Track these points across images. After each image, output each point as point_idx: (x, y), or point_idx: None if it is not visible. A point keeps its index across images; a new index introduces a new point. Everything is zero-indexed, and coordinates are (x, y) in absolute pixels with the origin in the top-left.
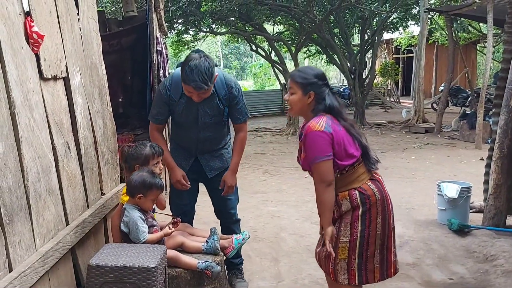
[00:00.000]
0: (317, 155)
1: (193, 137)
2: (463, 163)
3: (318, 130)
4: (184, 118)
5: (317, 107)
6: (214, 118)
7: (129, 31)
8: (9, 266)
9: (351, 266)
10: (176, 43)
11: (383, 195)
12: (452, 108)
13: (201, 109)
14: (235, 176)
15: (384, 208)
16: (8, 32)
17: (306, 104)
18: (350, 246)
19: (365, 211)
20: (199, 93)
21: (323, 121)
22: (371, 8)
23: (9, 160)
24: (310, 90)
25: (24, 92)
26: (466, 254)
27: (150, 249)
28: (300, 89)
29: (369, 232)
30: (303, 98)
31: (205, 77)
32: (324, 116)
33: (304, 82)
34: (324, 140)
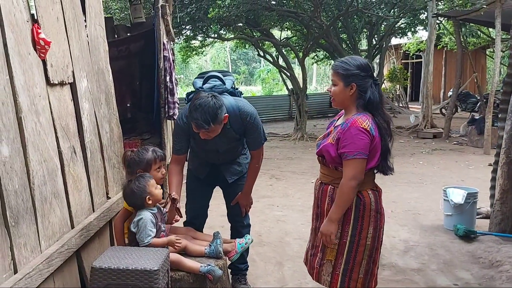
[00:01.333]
0: (359, 151)
1: (213, 157)
2: (471, 169)
3: (365, 129)
4: (204, 147)
5: (359, 99)
6: (232, 144)
7: (138, 37)
8: (14, 268)
9: (335, 270)
10: (184, 49)
11: (378, 207)
12: (461, 113)
13: (219, 140)
14: (250, 196)
15: (377, 220)
16: (16, 38)
17: (348, 96)
18: (339, 249)
19: (357, 217)
20: (202, 132)
21: (370, 122)
22: (379, 14)
23: (15, 163)
24: (351, 82)
25: (31, 97)
26: (471, 260)
27: (152, 252)
28: (341, 80)
29: (358, 240)
30: (344, 90)
31: (207, 117)
32: (370, 116)
33: (346, 74)
34: (367, 140)
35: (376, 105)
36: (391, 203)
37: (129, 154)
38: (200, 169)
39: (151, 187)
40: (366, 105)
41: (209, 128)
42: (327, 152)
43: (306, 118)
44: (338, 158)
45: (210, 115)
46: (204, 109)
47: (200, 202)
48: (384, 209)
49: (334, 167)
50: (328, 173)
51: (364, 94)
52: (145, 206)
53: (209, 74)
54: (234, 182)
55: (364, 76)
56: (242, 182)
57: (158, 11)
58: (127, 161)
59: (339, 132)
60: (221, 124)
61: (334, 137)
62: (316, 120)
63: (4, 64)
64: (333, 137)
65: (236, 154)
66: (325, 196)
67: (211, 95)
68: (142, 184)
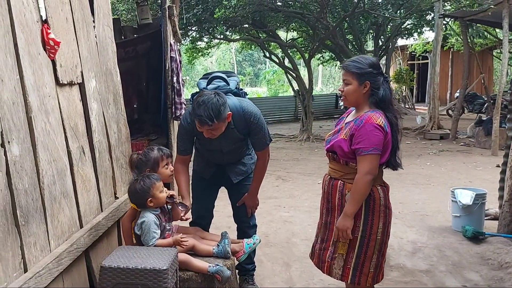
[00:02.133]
0: (374, 147)
1: (217, 157)
2: (479, 170)
3: (380, 125)
4: (208, 147)
5: (372, 97)
6: (237, 144)
7: (144, 38)
8: (24, 267)
9: (347, 264)
10: (190, 50)
11: (386, 202)
12: (468, 115)
13: (223, 140)
14: (256, 197)
15: (386, 215)
16: (26, 38)
17: (362, 94)
18: (350, 244)
19: (368, 213)
20: (206, 129)
21: (383, 118)
22: (385, 14)
23: (25, 163)
24: (365, 80)
25: (41, 97)
26: (480, 261)
27: (161, 251)
28: (355, 79)
29: (369, 235)
30: (358, 89)
31: (210, 113)
32: (382, 113)
33: (359, 72)
34: (382, 136)
35: (388, 102)
36: (398, 204)
37: (135, 157)
38: (205, 170)
39: (155, 190)
40: (378, 102)
41: (213, 125)
42: (340, 147)
43: (312, 119)
44: (351, 153)
45: (213, 111)
46: (208, 106)
47: (206, 203)
48: (391, 204)
49: (345, 162)
50: (338, 168)
51: (377, 91)
52: (147, 207)
53: (214, 75)
54: (239, 183)
55: (376, 73)
56: (248, 182)
57: (165, 12)
58: (134, 164)
59: (352, 128)
60: (224, 122)
61: (347, 133)
62: (322, 121)
63: (14, 64)
64: (346, 133)
65: (241, 155)
66: (335, 191)
67: (215, 93)
68: (147, 186)
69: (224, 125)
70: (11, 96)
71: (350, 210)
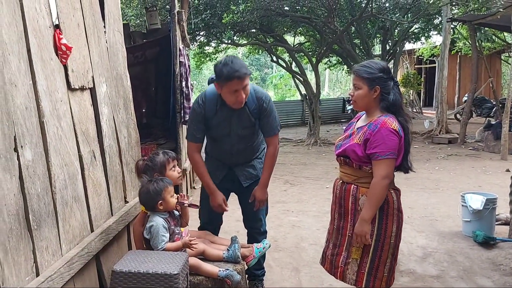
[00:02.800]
0: (391, 151)
1: (227, 150)
2: (488, 174)
3: (395, 130)
4: (218, 132)
5: (383, 101)
6: (246, 130)
7: (153, 43)
8: (36, 271)
9: (361, 269)
10: (198, 55)
11: (399, 206)
12: (476, 119)
13: (234, 121)
14: (266, 190)
15: (398, 218)
16: (39, 44)
17: (372, 99)
18: (365, 248)
19: (382, 217)
20: (243, 86)
21: (397, 123)
22: (393, 19)
23: (37, 167)
24: (376, 85)
25: (53, 102)
26: (492, 267)
27: (172, 256)
28: (366, 84)
29: (384, 239)
30: (369, 93)
31: (241, 64)
32: (394, 117)
33: (370, 77)
34: (397, 140)
35: (398, 106)
36: (408, 208)
37: (141, 163)
38: (215, 174)
39: (167, 193)
40: (389, 107)
41: (248, 76)
42: (353, 152)
43: (320, 124)
44: (366, 157)
45: (243, 64)
46: (237, 61)
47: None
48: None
49: (358, 166)
50: (351, 173)
51: (387, 95)
52: (156, 210)
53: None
54: (249, 187)
55: (387, 78)
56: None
57: (174, 17)
58: (141, 170)
59: (367, 133)
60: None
61: (360, 138)
62: (329, 125)
63: (27, 69)
64: (359, 137)
65: (250, 154)
66: (349, 195)
67: (233, 56)
68: (159, 188)
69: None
70: (24, 101)
71: (367, 215)
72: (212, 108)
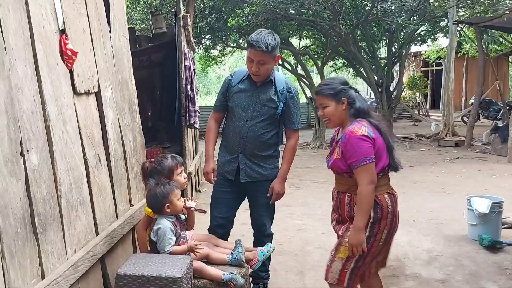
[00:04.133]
0: (365, 157)
1: (240, 128)
2: (495, 178)
3: (362, 134)
4: (238, 99)
5: (352, 110)
6: (265, 109)
7: (159, 47)
8: (42, 274)
9: (345, 268)
10: (203, 58)
11: (394, 211)
12: (483, 121)
13: (256, 94)
14: (284, 184)
15: (392, 223)
16: (45, 49)
17: (342, 111)
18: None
19: (375, 222)
20: (257, 60)
21: (365, 127)
22: (398, 21)
23: (43, 171)
24: (341, 97)
25: (59, 106)
26: (498, 271)
27: (176, 259)
28: (332, 100)
29: (373, 242)
30: (338, 107)
31: (266, 39)
32: (363, 122)
33: (334, 92)
34: (368, 144)
35: (366, 110)
36: (413, 212)
37: (148, 165)
38: (227, 165)
39: (173, 197)
40: (357, 114)
41: (266, 53)
42: (337, 166)
43: (325, 127)
44: (349, 169)
45: (269, 39)
46: (263, 34)
47: (225, 212)
48: (398, 212)
49: (349, 176)
50: (344, 182)
51: (354, 103)
52: (163, 213)
53: None
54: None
55: (348, 88)
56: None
57: (180, 21)
58: (147, 172)
59: (341, 145)
60: (273, 59)
61: (338, 152)
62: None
63: (34, 74)
64: (338, 151)
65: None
66: (344, 204)
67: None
68: (166, 191)
69: (272, 64)
70: (30, 106)
71: (360, 223)
72: (239, 77)
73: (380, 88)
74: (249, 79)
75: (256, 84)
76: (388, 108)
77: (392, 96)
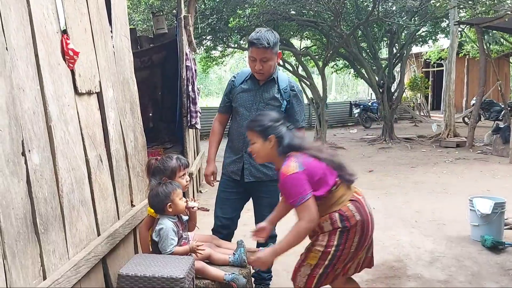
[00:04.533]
0: (300, 196)
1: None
2: (497, 178)
3: (292, 173)
4: (242, 99)
5: (280, 148)
6: (269, 108)
7: (160, 48)
8: (43, 274)
9: (313, 273)
10: (204, 59)
11: (363, 215)
12: (485, 122)
13: (259, 94)
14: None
15: (363, 228)
16: (46, 49)
17: (269, 149)
18: (322, 256)
19: (344, 231)
20: (260, 57)
21: (293, 162)
22: (399, 22)
23: (45, 171)
24: (269, 135)
25: (60, 106)
26: (501, 272)
27: (178, 260)
28: (259, 137)
29: (343, 249)
30: (265, 144)
31: (267, 36)
32: (292, 157)
33: (261, 129)
34: (301, 180)
35: (297, 144)
36: (415, 213)
37: (153, 162)
38: (232, 166)
39: (175, 196)
40: (287, 150)
41: (268, 50)
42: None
43: (326, 127)
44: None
45: (269, 36)
46: (263, 32)
47: (230, 212)
48: (371, 215)
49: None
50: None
51: (282, 140)
52: (165, 213)
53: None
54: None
55: (278, 125)
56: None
57: (181, 22)
58: (152, 169)
59: (279, 187)
60: (275, 55)
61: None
62: (336, 129)
63: (35, 74)
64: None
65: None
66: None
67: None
68: (168, 191)
69: (274, 61)
70: (31, 106)
71: (281, 250)
72: (242, 78)
73: (381, 89)
74: (252, 79)
75: (259, 83)
76: (389, 109)
77: (393, 97)
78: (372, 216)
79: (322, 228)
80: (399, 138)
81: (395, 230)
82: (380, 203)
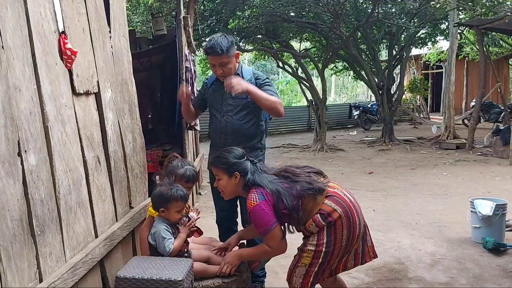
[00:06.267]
0: (267, 227)
1: (220, 126)
2: (497, 180)
3: (255, 205)
4: (213, 99)
5: (245, 183)
6: (237, 101)
7: (159, 49)
8: (40, 277)
9: (309, 273)
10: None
11: (343, 206)
12: (484, 124)
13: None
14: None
15: (348, 217)
16: (43, 49)
17: (235, 185)
18: (315, 255)
19: (330, 226)
20: (218, 63)
21: (255, 194)
22: (399, 24)
23: (41, 172)
24: (234, 171)
25: (57, 106)
26: (502, 274)
27: (177, 262)
28: (224, 173)
29: (334, 244)
30: (230, 181)
31: (219, 42)
32: (253, 189)
33: (226, 166)
34: (264, 211)
35: (259, 180)
36: (415, 214)
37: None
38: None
39: (173, 206)
40: (250, 186)
41: (223, 56)
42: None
43: (326, 129)
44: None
45: (222, 43)
46: (217, 40)
47: (226, 206)
48: (353, 201)
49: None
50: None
51: (246, 176)
52: (159, 214)
53: None
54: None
55: (243, 162)
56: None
57: (180, 23)
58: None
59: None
60: (233, 57)
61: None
62: (336, 131)
63: (32, 74)
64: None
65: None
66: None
67: (223, 34)
68: (169, 198)
69: (233, 62)
70: (28, 106)
71: (246, 257)
72: (211, 80)
73: (380, 91)
74: (218, 80)
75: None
76: (389, 110)
77: (393, 99)
78: (355, 202)
79: (310, 232)
80: (398, 140)
81: (396, 232)
82: (380, 205)
